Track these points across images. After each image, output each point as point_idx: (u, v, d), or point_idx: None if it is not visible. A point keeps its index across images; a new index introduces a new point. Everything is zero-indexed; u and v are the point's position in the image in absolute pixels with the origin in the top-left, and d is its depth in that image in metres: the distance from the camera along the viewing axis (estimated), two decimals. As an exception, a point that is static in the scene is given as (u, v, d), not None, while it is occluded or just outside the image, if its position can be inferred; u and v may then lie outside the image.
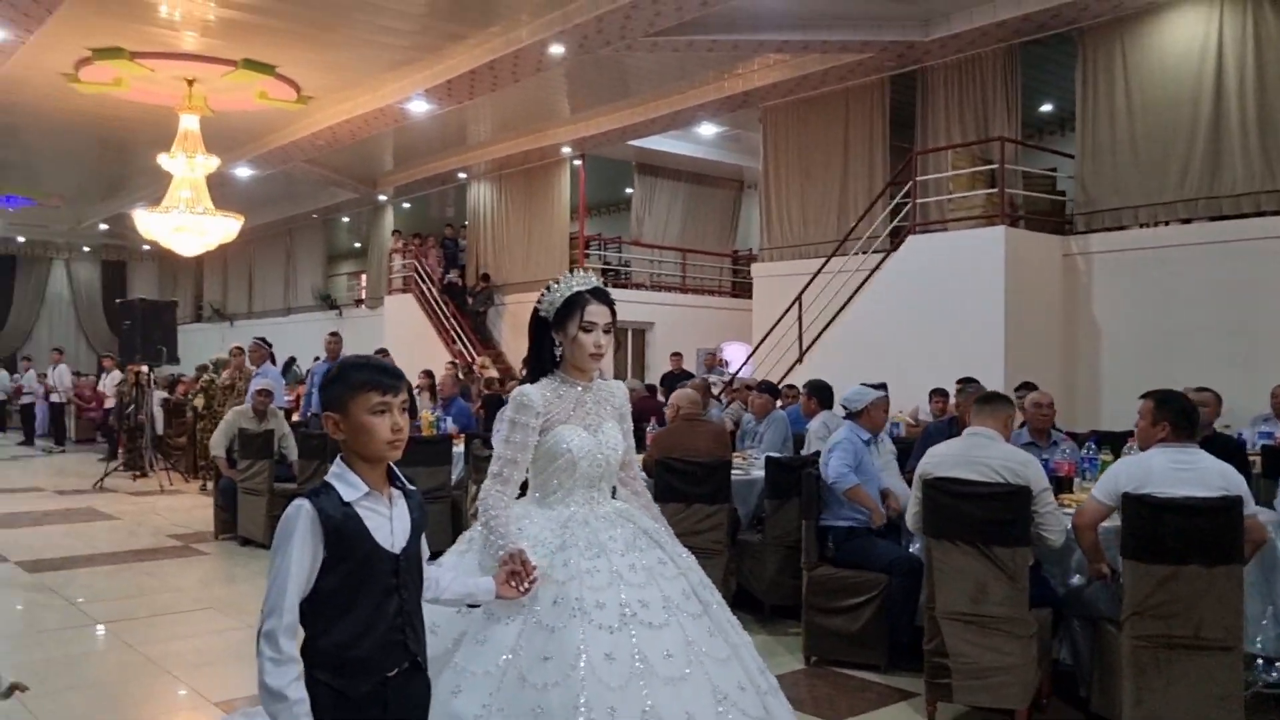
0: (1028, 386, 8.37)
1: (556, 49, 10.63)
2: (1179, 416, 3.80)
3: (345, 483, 2.03)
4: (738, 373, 13.04)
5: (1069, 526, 4.10)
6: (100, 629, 5.57)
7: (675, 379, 11.19)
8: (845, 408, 5.24)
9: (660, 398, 10.42)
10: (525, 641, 2.42)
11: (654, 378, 13.89)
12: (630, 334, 16.63)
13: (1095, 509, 3.93)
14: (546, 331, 2.79)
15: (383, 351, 11.27)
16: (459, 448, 7.64)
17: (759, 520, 6.09)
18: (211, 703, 4.33)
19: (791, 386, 9.70)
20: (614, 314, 2.81)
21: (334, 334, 10.69)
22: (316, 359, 11.89)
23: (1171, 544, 3.64)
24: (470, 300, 17.49)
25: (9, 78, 12.11)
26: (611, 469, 2.81)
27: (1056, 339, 10.39)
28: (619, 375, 14.16)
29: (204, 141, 12.66)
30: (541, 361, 2.80)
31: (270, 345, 10.88)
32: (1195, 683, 3.65)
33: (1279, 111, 9.19)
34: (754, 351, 12.56)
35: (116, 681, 4.69)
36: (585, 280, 2.80)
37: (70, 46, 11.23)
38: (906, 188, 11.10)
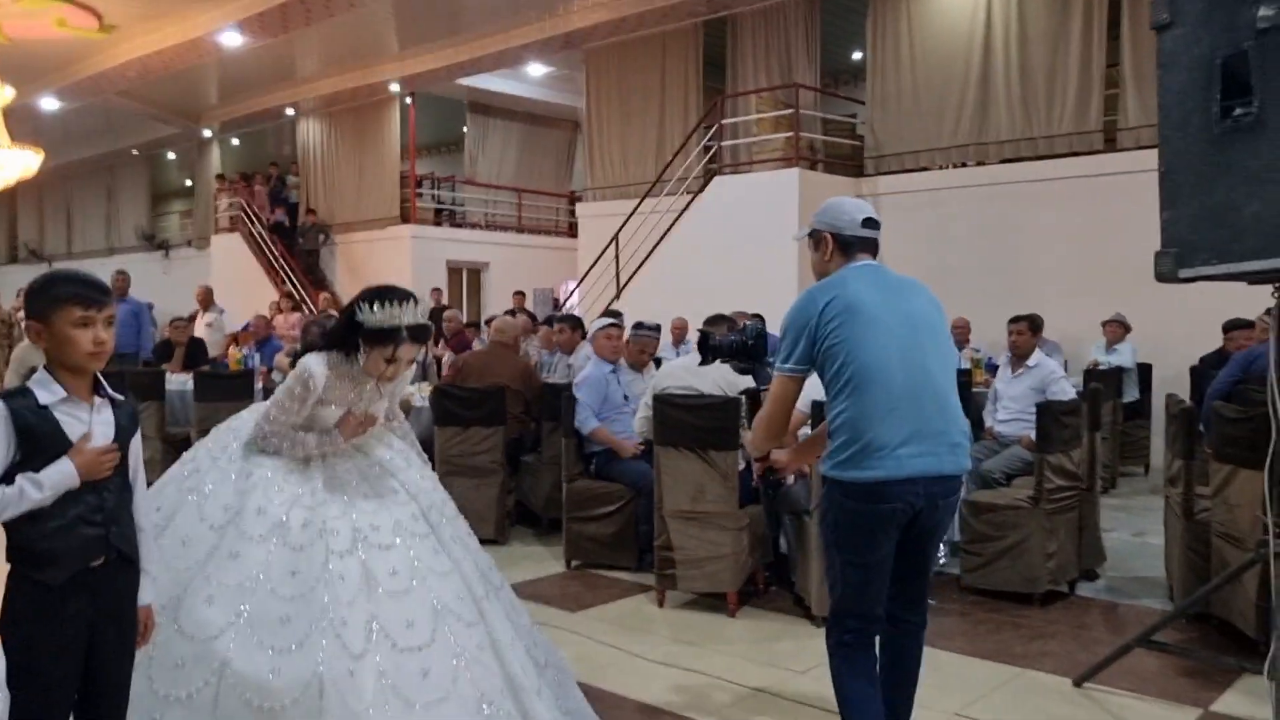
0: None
1: (367, -17, 10.61)
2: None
3: (44, 388, 2.20)
4: (560, 309, 13.40)
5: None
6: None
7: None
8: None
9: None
10: (276, 557, 2.73)
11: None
12: (465, 274, 16.75)
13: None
14: (357, 333, 2.85)
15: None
16: (260, 385, 7.74)
17: (538, 442, 6.51)
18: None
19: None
20: (427, 349, 2.97)
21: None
22: None
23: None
24: (301, 240, 17.17)
25: None
26: None
27: (849, 275, 11.09)
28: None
29: (4, 71, 12.02)
30: (343, 344, 2.90)
31: None
32: (868, 561, 4.25)
33: (1036, 66, 10.06)
34: (576, 288, 12.94)
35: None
36: (414, 314, 2.84)
37: None
38: (714, 130, 11.58)
